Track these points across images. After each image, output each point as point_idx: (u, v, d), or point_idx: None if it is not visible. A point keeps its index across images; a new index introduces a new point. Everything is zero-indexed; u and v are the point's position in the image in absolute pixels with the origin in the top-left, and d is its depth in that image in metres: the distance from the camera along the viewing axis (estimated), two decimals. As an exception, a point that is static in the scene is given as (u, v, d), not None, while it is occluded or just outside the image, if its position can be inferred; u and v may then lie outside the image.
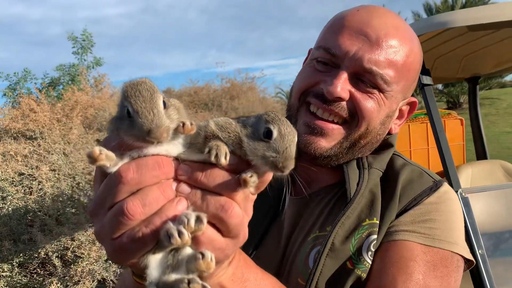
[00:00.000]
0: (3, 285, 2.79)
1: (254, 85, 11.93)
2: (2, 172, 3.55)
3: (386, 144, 0.99)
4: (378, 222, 0.87)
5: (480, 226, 2.45)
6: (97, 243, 3.01)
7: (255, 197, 0.63)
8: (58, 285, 2.70)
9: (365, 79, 0.85)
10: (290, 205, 0.82)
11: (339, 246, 0.85)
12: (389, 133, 1.01)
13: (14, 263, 2.96)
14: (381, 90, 0.86)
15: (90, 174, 3.89)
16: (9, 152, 4.07)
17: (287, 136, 0.62)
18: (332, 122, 0.88)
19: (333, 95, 0.85)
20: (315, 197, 0.97)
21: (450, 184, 1.55)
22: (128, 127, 0.60)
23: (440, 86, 21.53)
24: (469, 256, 0.91)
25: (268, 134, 0.62)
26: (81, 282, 2.76)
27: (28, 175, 3.66)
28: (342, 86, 0.83)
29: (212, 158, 0.59)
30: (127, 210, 0.56)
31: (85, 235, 3.08)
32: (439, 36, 1.94)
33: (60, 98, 6.85)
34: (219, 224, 0.59)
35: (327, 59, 0.89)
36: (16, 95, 9.96)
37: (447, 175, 1.57)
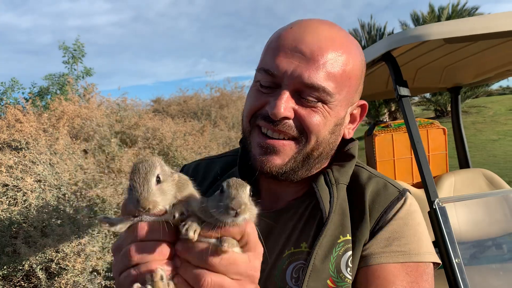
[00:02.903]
0: (-14, 298, 2.75)
1: (244, 94, 11.96)
2: (-14, 183, 3.52)
3: (347, 156, 0.99)
4: (350, 238, 0.89)
5: (461, 234, 2.49)
6: (82, 255, 2.99)
7: (245, 256, 0.67)
8: (43, 297, 2.67)
9: (307, 95, 0.86)
10: (260, 221, 0.85)
11: (320, 265, 0.87)
12: (344, 138, 1.01)
13: (-2, 276, 2.92)
14: (324, 102, 0.87)
15: (76, 184, 3.87)
16: (-6, 163, 4.04)
17: (235, 185, 0.68)
18: (283, 139, 0.89)
19: (277, 117, 0.87)
20: (285, 211, 0.98)
21: (428, 194, 1.58)
22: (130, 198, 0.75)
23: (428, 95, 21.76)
24: (438, 260, 0.95)
25: (221, 189, 0.70)
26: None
27: (12, 186, 3.63)
28: (285, 106, 0.85)
29: (184, 233, 0.68)
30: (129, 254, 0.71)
31: (70, 246, 3.05)
32: (419, 48, 1.97)
33: (47, 108, 6.82)
34: None
35: (268, 80, 0.90)
36: (2, 105, 9.89)
37: (425, 185, 1.60)
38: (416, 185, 3.11)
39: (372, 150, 3.33)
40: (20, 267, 3.09)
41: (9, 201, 3.59)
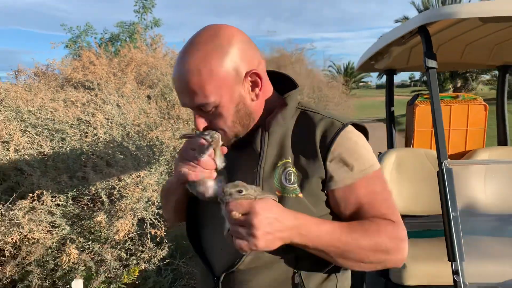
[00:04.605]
0: (59, 212, 3.22)
1: (303, 56, 12.01)
2: (63, 116, 3.99)
3: (281, 105, 1.21)
4: (289, 160, 1.14)
5: (487, 206, 2.64)
6: (140, 186, 3.39)
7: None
8: (104, 217, 3.10)
9: (204, 109, 1.12)
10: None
11: (267, 180, 1.14)
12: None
13: (69, 196, 3.38)
14: (215, 107, 1.10)
15: (139, 125, 4.27)
16: (70, 99, 4.51)
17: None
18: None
19: (199, 130, 1.15)
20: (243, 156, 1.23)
21: (438, 155, 1.76)
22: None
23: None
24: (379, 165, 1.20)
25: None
26: (123, 217, 3.15)
27: (84, 120, 4.09)
28: (198, 121, 1.13)
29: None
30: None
31: (130, 177, 3.46)
32: (466, 23, 2.06)
33: (117, 53, 7.29)
34: None
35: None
36: (77, 48, 10.54)
37: (437, 147, 1.78)
38: (451, 157, 3.22)
39: (412, 119, 3.45)
40: (87, 191, 3.53)
41: (80, 134, 4.04)
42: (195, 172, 1.07)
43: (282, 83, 1.29)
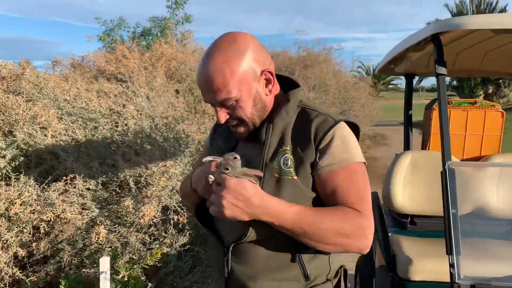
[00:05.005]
0: (89, 196, 3.45)
1: (330, 56, 12.04)
2: (96, 106, 4.23)
3: (285, 101, 1.40)
4: (288, 148, 1.31)
5: (499, 211, 2.72)
6: (166, 175, 3.59)
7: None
8: (131, 202, 3.31)
9: (225, 104, 1.30)
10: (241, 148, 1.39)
11: (269, 165, 1.32)
12: (288, 87, 1.45)
13: (99, 181, 3.60)
14: (236, 101, 1.29)
15: (167, 118, 4.46)
16: (103, 90, 4.76)
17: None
18: (239, 126, 1.37)
19: (221, 122, 1.34)
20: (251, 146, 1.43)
21: (443, 156, 1.87)
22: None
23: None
24: (364, 160, 1.35)
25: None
26: (149, 203, 3.35)
27: (116, 111, 4.31)
28: (220, 115, 1.31)
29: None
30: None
31: (157, 166, 3.66)
32: (482, 32, 2.16)
33: (149, 48, 7.55)
34: None
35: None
36: (111, 41, 10.87)
37: (442, 149, 1.89)
38: (466, 161, 3.30)
39: (428, 122, 3.53)
40: (116, 178, 3.75)
41: (112, 124, 4.27)
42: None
43: (288, 85, 1.48)
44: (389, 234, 2.94)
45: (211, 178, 1.22)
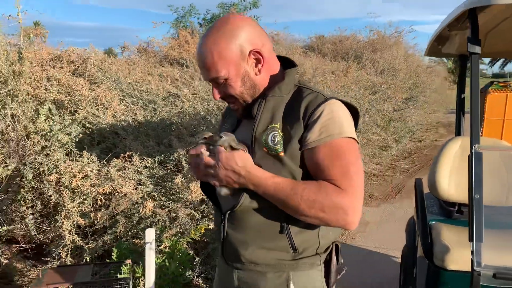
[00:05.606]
0: (146, 173, 3.69)
1: (401, 39, 11.59)
2: (155, 89, 4.47)
3: (281, 80, 1.42)
4: (278, 125, 1.34)
5: None
6: (216, 155, 3.74)
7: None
8: (182, 179, 3.50)
9: (218, 81, 1.37)
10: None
11: (258, 138, 1.36)
12: (285, 67, 1.48)
13: (156, 159, 3.84)
14: (225, 79, 1.35)
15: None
16: (164, 74, 5.01)
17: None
18: (234, 103, 1.42)
19: (215, 99, 1.41)
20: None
21: (471, 140, 1.78)
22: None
23: None
24: (356, 137, 1.35)
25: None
26: (196, 181, 3.52)
27: (174, 94, 4.53)
28: (214, 91, 1.39)
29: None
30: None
31: (208, 147, 3.83)
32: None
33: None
34: None
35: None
36: (182, 27, 11.28)
37: (470, 133, 1.81)
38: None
39: (482, 107, 3.32)
40: (172, 158, 3.97)
41: (170, 106, 4.50)
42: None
43: (293, 66, 1.51)
44: (432, 222, 2.85)
45: (204, 153, 1.34)
